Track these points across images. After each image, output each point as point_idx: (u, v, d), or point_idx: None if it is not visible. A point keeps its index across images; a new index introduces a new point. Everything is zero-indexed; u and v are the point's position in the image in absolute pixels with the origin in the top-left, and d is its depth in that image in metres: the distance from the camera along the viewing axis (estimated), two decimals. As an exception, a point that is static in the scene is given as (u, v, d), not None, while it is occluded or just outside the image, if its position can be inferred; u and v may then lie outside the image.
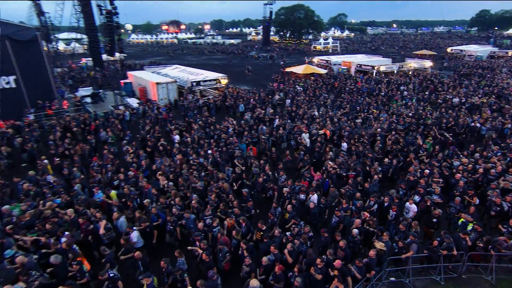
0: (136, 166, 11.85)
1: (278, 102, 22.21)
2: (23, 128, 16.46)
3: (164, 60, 54.72)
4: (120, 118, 18.06)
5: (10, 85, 18.97)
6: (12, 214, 8.66)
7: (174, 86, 23.96)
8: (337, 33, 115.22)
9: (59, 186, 10.52)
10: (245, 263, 6.78)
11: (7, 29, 18.42)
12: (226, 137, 14.66)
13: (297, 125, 16.37)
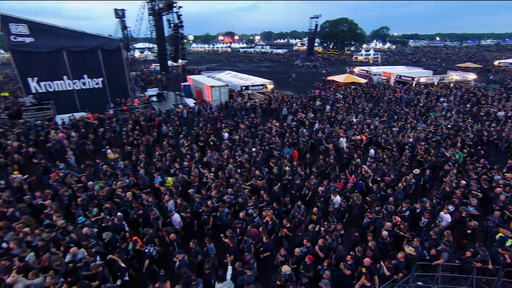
0: (190, 157, 12.58)
1: (319, 108, 22.00)
2: (104, 120, 18.09)
3: (219, 66, 56.77)
4: (179, 116, 19.12)
5: (98, 86, 21.39)
6: (94, 188, 9.88)
7: (225, 89, 24.89)
8: (378, 45, 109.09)
9: (128, 169, 11.75)
10: (280, 254, 6.95)
11: (99, 40, 20.83)
12: (269, 137, 14.92)
13: (336, 130, 16.20)
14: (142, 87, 31.69)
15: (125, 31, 35.11)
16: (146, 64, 51.60)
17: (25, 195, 10.09)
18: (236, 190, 9.73)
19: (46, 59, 19.20)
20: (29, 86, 19.33)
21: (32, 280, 6.02)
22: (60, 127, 16.74)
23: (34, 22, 18.89)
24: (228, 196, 9.32)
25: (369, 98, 25.97)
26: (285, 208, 9.15)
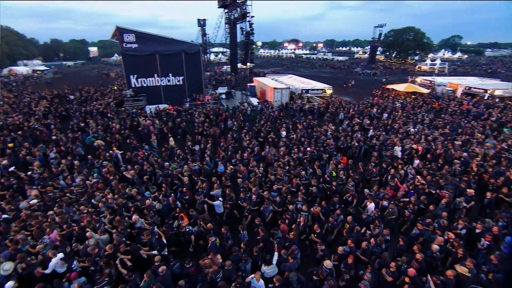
0: (250, 150, 12.72)
1: (376, 115, 20.34)
2: (181, 112, 19.39)
3: (282, 70, 56.56)
4: (243, 112, 19.52)
5: (179, 83, 23.12)
6: (169, 169, 10.77)
7: (287, 91, 24.61)
8: (447, 54, 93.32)
9: (196, 156, 12.49)
10: (320, 248, 6.71)
11: (183, 45, 22.49)
12: (324, 139, 14.37)
13: (391, 138, 14.72)
14: (214, 86, 33.26)
15: (204, 37, 37.13)
16: (219, 66, 54.07)
17: (121, 166, 11.55)
18: (278, 188, 9.37)
19: (143, 61, 21.53)
20: (130, 81, 21.94)
21: (100, 236, 6.86)
22: (148, 116, 18.60)
23: (138, 32, 21.28)
24: (271, 193, 9.07)
25: (430, 108, 22.91)
26: (332, 207, 8.63)
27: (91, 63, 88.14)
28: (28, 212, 7.96)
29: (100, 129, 15.66)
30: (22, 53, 72.50)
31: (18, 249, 6.48)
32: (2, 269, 5.73)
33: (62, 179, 10.53)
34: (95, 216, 7.69)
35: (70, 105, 23.02)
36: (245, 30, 26.73)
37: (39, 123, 17.30)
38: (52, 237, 6.93)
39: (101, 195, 8.88)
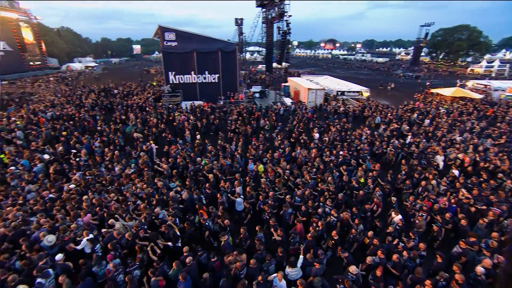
0: (281, 151, 12.51)
1: (417, 121, 18.79)
2: (215, 109, 19.69)
3: (318, 70, 55.11)
4: (276, 112, 19.25)
5: (215, 80, 23.58)
6: (201, 163, 10.97)
7: (322, 92, 23.90)
8: (508, 55, 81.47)
9: (228, 153, 12.51)
10: (344, 255, 6.33)
11: (220, 44, 22.88)
12: (358, 144, 13.62)
13: (432, 146, 13.44)
14: (248, 84, 33.41)
15: (241, 36, 37.62)
16: (254, 65, 54.31)
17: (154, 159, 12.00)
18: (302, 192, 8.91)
19: (182, 58, 22.30)
20: (169, 78, 22.87)
21: (127, 222, 7.39)
22: (183, 111, 19.17)
23: (179, 30, 22.08)
24: (295, 197, 8.73)
25: (482, 116, 20.57)
26: (363, 215, 8.13)
27: (134, 60, 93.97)
28: (67, 195, 8.76)
29: (138, 122, 16.47)
30: (78, 51, 79.91)
31: (56, 226, 7.13)
32: (46, 240, 6.55)
33: (104, 167, 11.23)
34: (124, 204, 8.11)
35: (114, 98, 24.58)
36: (282, 29, 26.49)
37: (88, 114, 18.68)
38: (85, 219, 7.48)
39: (130, 184, 9.41)
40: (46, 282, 5.52)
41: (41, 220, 7.37)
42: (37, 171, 10.94)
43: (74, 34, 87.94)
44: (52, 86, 34.17)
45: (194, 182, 9.98)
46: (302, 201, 8.49)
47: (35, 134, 14.76)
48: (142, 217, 7.56)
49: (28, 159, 11.72)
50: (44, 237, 6.58)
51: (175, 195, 8.54)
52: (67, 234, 6.82)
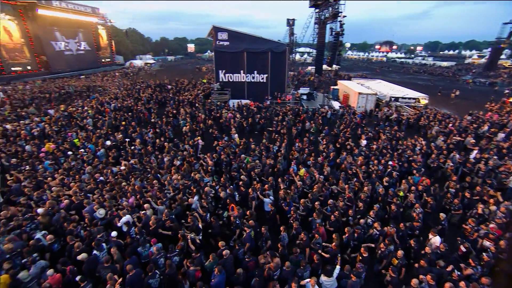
0: (325, 155, 12.10)
1: (487, 135, 16.44)
2: (261, 109, 19.91)
3: (370, 74, 51.89)
4: (323, 115, 18.66)
5: (263, 80, 23.79)
6: (244, 162, 11.11)
7: (373, 97, 22.49)
8: None
9: (271, 153, 12.53)
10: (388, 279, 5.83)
11: (271, 44, 22.99)
12: (411, 154, 12.40)
13: (507, 164, 11.49)
14: (296, 86, 33.04)
15: (291, 37, 37.28)
16: (303, 66, 53.53)
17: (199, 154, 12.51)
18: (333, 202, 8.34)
19: (232, 58, 22.94)
20: (219, 76, 23.74)
21: (158, 206, 7.96)
22: (231, 109, 19.69)
23: (231, 30, 22.77)
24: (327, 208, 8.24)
25: None
26: (410, 232, 7.38)
27: (188, 58, 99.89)
28: (115, 178, 9.87)
29: (188, 117, 17.39)
30: (140, 49, 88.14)
31: (104, 205, 8.01)
32: (98, 212, 7.59)
33: (154, 156, 12.10)
34: (159, 193, 8.66)
35: (167, 93, 26.37)
36: (335, 30, 25.53)
37: (144, 107, 20.36)
38: (130, 201, 8.25)
39: (168, 175, 10.07)
40: (100, 255, 6.13)
41: (93, 196, 8.52)
42: (100, 155, 12.26)
43: (138, 34, 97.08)
44: (116, 81, 38.05)
45: (230, 179, 10.10)
46: (332, 211, 8.00)
47: (101, 123, 16.58)
48: (173, 206, 8.08)
49: (94, 144, 13.21)
50: (97, 210, 7.62)
51: (209, 189, 8.78)
52: (114, 210, 7.74)
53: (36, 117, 17.83)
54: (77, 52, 50.15)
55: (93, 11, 52.44)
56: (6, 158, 11.64)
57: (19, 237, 6.63)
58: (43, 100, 24.47)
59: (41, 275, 5.68)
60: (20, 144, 13.36)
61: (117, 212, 7.57)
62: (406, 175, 10.60)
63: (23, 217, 7.44)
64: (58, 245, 6.64)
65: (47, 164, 11.18)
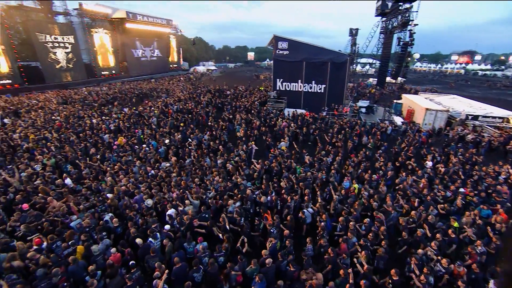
0: (382, 173, 11.49)
1: None
2: (317, 119, 19.74)
3: (442, 88, 46.55)
4: (382, 130, 17.69)
5: (321, 91, 23.58)
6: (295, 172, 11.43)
7: (444, 115, 20.31)
8: None
9: (324, 166, 12.24)
10: None
11: (331, 54, 22.73)
12: (492, 182, 10.68)
13: None
14: (355, 98, 31.83)
15: (354, 47, 36.25)
16: (364, 78, 51.20)
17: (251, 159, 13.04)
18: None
19: (291, 67, 23.34)
20: (276, 84, 24.39)
21: (194, 200, 8.70)
22: (286, 118, 19.98)
23: (291, 40, 23.26)
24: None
25: None
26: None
27: (247, 66, 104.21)
28: (162, 173, 11.07)
29: (243, 122, 18.24)
30: (204, 56, 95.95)
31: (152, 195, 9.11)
32: (146, 202, 8.59)
33: (208, 158, 13.05)
34: (202, 190, 9.45)
35: (225, 99, 28.00)
36: (403, 40, 24.08)
37: (203, 110, 22.02)
38: (174, 195, 9.10)
39: (211, 175, 10.90)
40: (154, 243, 6.90)
41: (142, 188, 9.61)
42: (161, 152, 13.73)
43: (203, 42, 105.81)
44: (181, 85, 41.82)
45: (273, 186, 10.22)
46: (367, 231, 7.50)
47: (164, 122, 18.50)
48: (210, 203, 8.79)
49: (157, 141, 14.85)
50: (145, 200, 8.71)
51: (251, 194, 9.07)
52: (162, 202, 8.72)
53: (114, 114, 20.81)
54: (150, 58, 57.09)
55: (168, 22, 58.99)
56: (85, 149, 13.86)
57: (92, 216, 7.93)
58: (120, 99, 28.35)
59: (106, 252, 6.67)
60: (101, 136, 15.76)
61: (165, 204, 8.52)
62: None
63: (97, 199, 8.87)
64: (120, 229, 7.69)
65: (114, 156, 13.01)
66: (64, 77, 39.26)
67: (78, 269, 6.05)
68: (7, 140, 14.59)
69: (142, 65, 54.62)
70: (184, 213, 7.95)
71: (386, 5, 30.34)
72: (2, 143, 14.10)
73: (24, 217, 7.70)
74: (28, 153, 13.12)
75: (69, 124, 17.90)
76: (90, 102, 26.10)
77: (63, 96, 28.45)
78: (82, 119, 19.28)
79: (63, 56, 38.53)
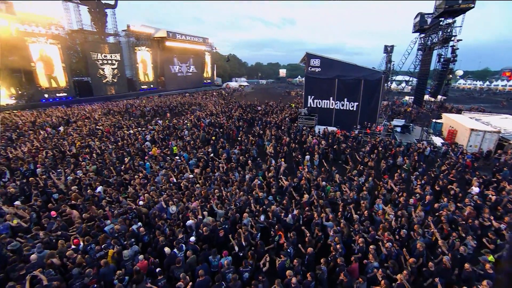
0: (419, 197, 10.76)
1: None
2: (348, 138, 19.37)
3: (491, 108, 43.07)
4: (420, 151, 16.68)
5: (353, 109, 23.21)
6: (324, 189, 11.28)
7: (493, 136, 18.70)
8: None
9: (355, 186, 11.70)
10: None
11: (364, 72, 22.44)
12: None
13: None
14: (389, 116, 30.74)
15: (389, 65, 35.37)
16: (399, 96, 49.38)
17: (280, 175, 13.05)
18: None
19: (323, 84, 23.39)
20: (307, 101, 24.50)
21: (219, 210, 9.00)
22: (316, 135, 19.86)
23: (324, 57, 23.44)
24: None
25: None
26: None
27: (279, 82, 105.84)
28: (185, 183, 11.59)
29: (273, 138, 18.44)
30: (236, 72, 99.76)
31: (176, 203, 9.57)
32: (171, 209, 9.16)
33: (237, 172, 13.30)
34: (227, 201, 9.75)
35: (256, 114, 28.58)
36: (444, 57, 22.97)
37: (233, 125, 22.68)
38: (194, 204, 9.47)
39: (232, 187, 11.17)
40: (179, 254, 7.09)
41: (165, 195, 10.03)
42: (191, 164, 14.25)
43: (236, 59, 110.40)
44: (213, 99, 43.55)
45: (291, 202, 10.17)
46: (387, 257, 7.02)
47: (195, 135, 19.32)
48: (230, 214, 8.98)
49: (188, 153, 15.52)
50: (170, 207, 9.23)
51: (276, 209, 9.13)
52: (185, 212, 9.07)
53: (150, 126, 22.23)
54: (186, 74, 60.73)
55: (204, 40, 62.67)
56: (122, 157, 14.86)
57: (124, 222, 8.41)
58: (156, 112, 30.24)
59: (134, 258, 7.01)
60: (137, 146, 16.87)
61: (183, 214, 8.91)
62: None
63: (129, 207, 9.41)
64: (148, 237, 8.05)
65: (148, 165, 13.82)
66: (109, 91, 43.65)
67: (109, 272, 6.46)
68: (58, 145, 16.27)
69: (178, 80, 58.33)
70: (204, 224, 8.22)
71: (425, 21, 29.41)
72: (54, 149, 15.75)
73: (51, 224, 8.29)
74: (74, 159, 14.47)
75: (110, 134, 19.49)
76: (130, 113, 28.25)
77: (107, 108, 31.19)
78: (121, 129, 20.89)
79: (110, 71, 42.87)
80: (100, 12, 40.23)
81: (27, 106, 31.83)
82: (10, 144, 17.21)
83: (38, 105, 32.88)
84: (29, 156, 14.50)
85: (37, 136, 19.13)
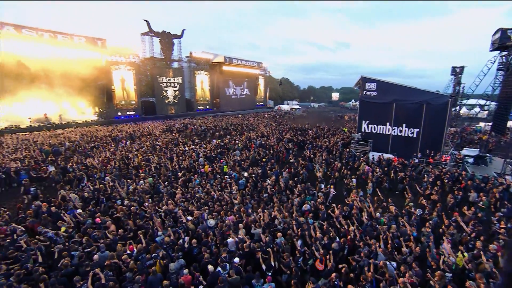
0: (503, 243, 8.94)
1: None
2: (407, 166, 17.89)
3: None
4: (503, 188, 14.21)
5: (413, 135, 21.28)
6: (378, 221, 10.36)
7: None
8: None
9: (414, 221, 10.49)
10: None
11: (427, 95, 20.72)
12: None
13: None
14: (458, 145, 27.37)
15: (457, 87, 32.06)
16: (471, 122, 43.92)
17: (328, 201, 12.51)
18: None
19: (379, 108, 22.18)
20: (361, 126, 23.39)
21: (256, 230, 9.24)
22: (370, 162, 18.65)
23: (380, 81, 22.43)
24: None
25: None
26: None
27: (331, 106, 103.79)
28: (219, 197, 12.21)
29: (323, 163, 17.87)
30: (288, 95, 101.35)
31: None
32: (209, 222, 9.64)
33: (285, 196, 13.11)
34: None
35: (307, 137, 28.24)
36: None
37: (284, 147, 22.70)
38: (230, 218, 9.91)
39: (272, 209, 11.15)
40: (223, 273, 7.15)
41: (205, 208, 10.81)
42: (241, 184, 14.54)
43: (289, 82, 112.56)
44: (265, 121, 44.59)
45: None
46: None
47: (246, 155, 19.80)
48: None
49: (238, 173, 15.91)
50: (208, 220, 9.81)
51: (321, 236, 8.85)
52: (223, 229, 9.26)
53: (204, 144, 23.62)
54: (240, 96, 64.16)
55: (258, 64, 65.98)
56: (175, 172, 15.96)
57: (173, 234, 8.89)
58: (210, 132, 32.15)
59: (179, 271, 7.26)
60: (190, 162, 17.94)
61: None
62: None
63: (180, 221, 9.92)
64: (197, 250, 8.27)
65: (197, 181, 14.61)
66: (170, 110, 49.34)
67: (156, 281, 6.86)
68: (124, 158, 18.36)
69: (232, 102, 62.06)
70: (243, 242, 8.36)
71: (507, 38, 26.24)
72: (121, 160, 17.81)
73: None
74: (135, 170, 16.11)
75: (167, 149, 21.31)
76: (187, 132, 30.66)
77: (167, 126, 34.52)
78: (177, 146, 22.67)
79: (172, 93, 48.71)
80: (169, 42, 46.66)
81: (104, 122, 38.69)
82: (89, 154, 20.09)
83: (112, 121, 39.38)
84: (102, 165, 16.70)
85: (108, 147, 21.99)
